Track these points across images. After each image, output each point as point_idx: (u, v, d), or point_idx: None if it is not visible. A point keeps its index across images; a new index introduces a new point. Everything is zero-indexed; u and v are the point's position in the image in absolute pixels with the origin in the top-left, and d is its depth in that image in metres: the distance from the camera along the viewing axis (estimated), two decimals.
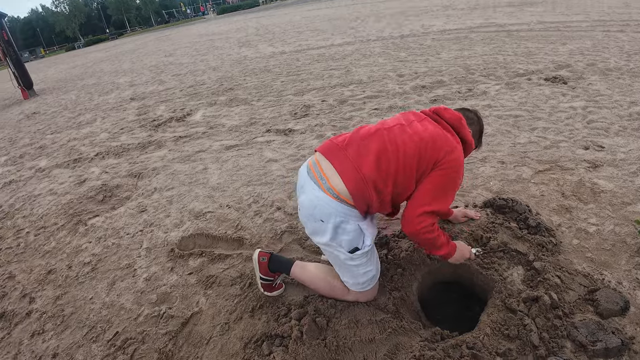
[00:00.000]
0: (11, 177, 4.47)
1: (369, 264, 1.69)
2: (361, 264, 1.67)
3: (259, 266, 1.96)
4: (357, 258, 1.65)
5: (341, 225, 1.57)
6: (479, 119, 1.85)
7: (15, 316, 2.32)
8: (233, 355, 1.77)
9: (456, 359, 1.44)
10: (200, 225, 2.80)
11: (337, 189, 1.54)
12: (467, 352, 1.45)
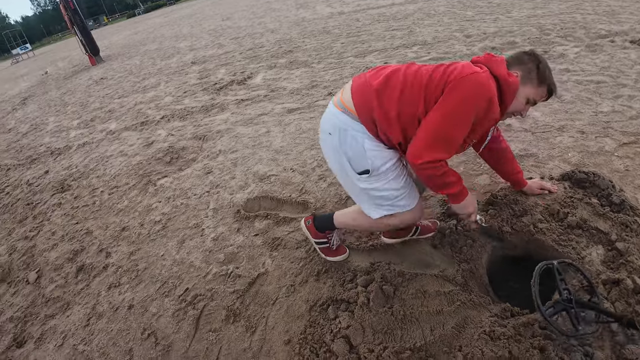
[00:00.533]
0: (84, 139, 4.76)
1: (386, 186, 1.54)
2: (375, 187, 1.54)
3: (309, 232, 1.94)
4: (365, 180, 1.54)
5: (346, 137, 1.51)
6: (533, 57, 1.53)
7: (93, 269, 2.48)
8: (299, 317, 1.77)
9: (527, 338, 1.33)
10: (265, 187, 2.81)
11: (344, 100, 1.53)
12: (540, 332, 1.34)
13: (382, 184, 1.53)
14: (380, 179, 1.53)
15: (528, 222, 1.78)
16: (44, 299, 2.41)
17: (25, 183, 3.98)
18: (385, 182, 1.53)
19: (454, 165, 2.54)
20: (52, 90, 8.71)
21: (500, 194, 1.94)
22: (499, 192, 2.00)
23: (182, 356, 1.81)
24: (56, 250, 2.79)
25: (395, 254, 1.90)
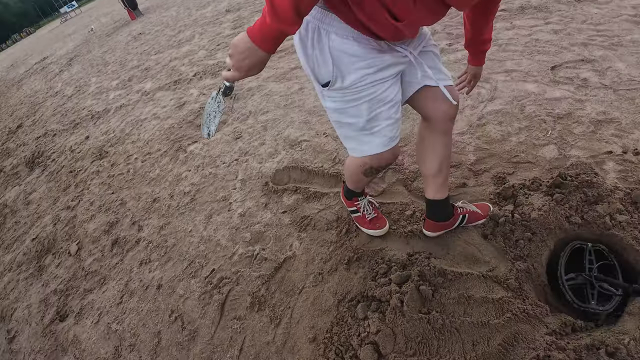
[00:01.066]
0: (122, 101, 4.74)
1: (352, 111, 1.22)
2: (341, 108, 1.23)
3: (343, 201, 1.80)
4: (330, 97, 1.22)
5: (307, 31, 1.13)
6: None
7: (127, 243, 2.47)
8: (325, 311, 1.62)
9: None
10: (296, 155, 2.59)
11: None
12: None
13: (347, 106, 1.20)
14: (345, 95, 1.19)
15: (604, 211, 1.42)
16: (83, 272, 2.45)
17: (68, 149, 4.07)
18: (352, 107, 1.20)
19: (510, 133, 2.14)
20: (95, 48, 8.80)
21: (570, 173, 1.58)
22: (569, 169, 1.63)
23: (207, 343, 1.75)
24: (94, 222, 2.82)
25: (437, 243, 1.64)
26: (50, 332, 2.18)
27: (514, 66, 2.69)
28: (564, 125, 2.06)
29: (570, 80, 2.39)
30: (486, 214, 1.63)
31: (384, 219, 1.80)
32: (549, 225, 1.47)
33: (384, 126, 1.25)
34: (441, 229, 1.64)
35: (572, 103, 2.20)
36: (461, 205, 1.64)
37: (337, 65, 1.13)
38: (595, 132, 1.97)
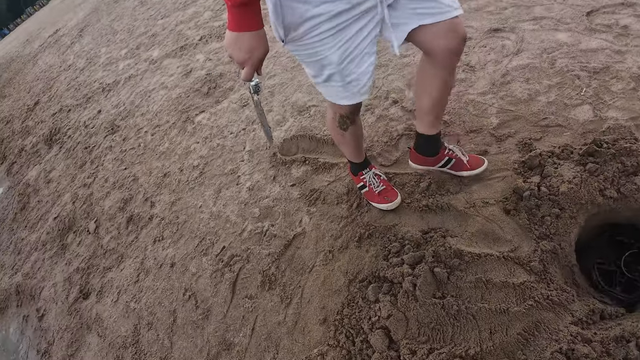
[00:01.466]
0: (130, 71, 4.64)
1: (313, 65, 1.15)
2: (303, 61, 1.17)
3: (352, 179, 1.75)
4: (292, 51, 1.15)
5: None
6: None
7: (141, 220, 2.47)
8: (336, 291, 1.56)
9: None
10: (304, 123, 2.46)
11: None
12: (637, 355, 0.96)
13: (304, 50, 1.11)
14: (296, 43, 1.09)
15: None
16: (102, 250, 2.49)
17: (82, 125, 4.06)
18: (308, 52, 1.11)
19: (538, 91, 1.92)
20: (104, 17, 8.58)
21: (606, 139, 1.38)
22: (605, 134, 1.43)
23: (220, 322, 1.75)
24: (109, 199, 2.83)
25: (454, 218, 1.52)
26: (75, 310, 2.25)
27: (543, 12, 2.38)
28: (601, 82, 1.79)
29: (608, 28, 2.07)
30: (474, 167, 1.58)
31: (395, 191, 1.69)
32: (580, 200, 1.30)
33: (344, 83, 1.18)
34: (425, 164, 1.63)
35: (611, 55, 1.90)
36: (451, 149, 1.60)
37: (285, 16, 1.02)
38: (636, 89, 1.70)
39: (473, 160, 1.61)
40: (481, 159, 1.61)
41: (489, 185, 1.57)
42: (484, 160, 1.60)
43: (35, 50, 7.91)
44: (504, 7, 2.56)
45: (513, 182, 1.50)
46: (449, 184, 1.66)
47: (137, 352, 1.88)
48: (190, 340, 1.78)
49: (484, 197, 1.52)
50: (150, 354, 1.84)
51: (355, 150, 1.61)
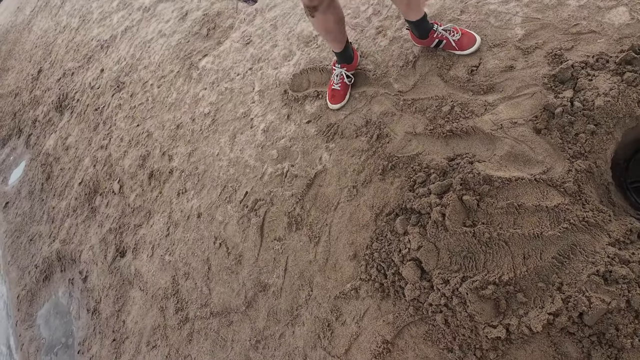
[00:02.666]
0: (126, 23, 4.41)
1: None
2: None
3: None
4: None
5: None
6: None
7: (161, 174, 2.48)
8: (364, 226, 1.54)
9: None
10: (312, 55, 2.30)
11: None
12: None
13: None
14: None
15: None
16: (129, 208, 2.55)
17: (88, 86, 3.98)
18: None
19: None
20: None
21: None
22: None
23: (253, 265, 1.80)
24: (128, 158, 2.84)
25: (481, 142, 1.42)
26: (115, 268, 2.36)
27: None
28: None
29: None
30: (465, 47, 1.68)
31: (343, 97, 1.90)
32: (617, 114, 1.17)
33: None
34: (422, 44, 1.82)
35: None
36: (440, 31, 1.71)
37: None
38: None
39: (465, 39, 1.69)
40: (474, 37, 1.69)
41: (517, 103, 1.43)
42: (475, 38, 1.68)
43: (28, 17, 7.59)
44: None
45: (543, 98, 1.35)
46: (473, 105, 1.54)
47: (179, 301, 1.98)
48: (227, 285, 1.84)
49: (512, 117, 1.39)
50: (191, 302, 1.94)
51: (331, 40, 1.73)
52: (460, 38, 1.68)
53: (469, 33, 1.70)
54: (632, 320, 0.91)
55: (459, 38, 1.68)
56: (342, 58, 1.86)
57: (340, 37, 1.72)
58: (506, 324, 1.02)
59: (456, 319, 1.10)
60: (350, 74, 1.91)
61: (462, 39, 1.69)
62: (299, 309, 1.58)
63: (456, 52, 1.72)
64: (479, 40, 1.68)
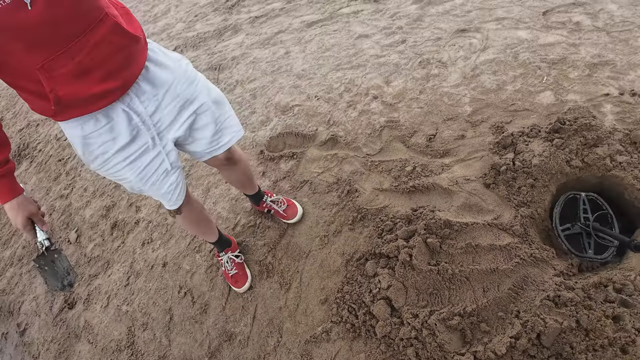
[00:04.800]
0: None
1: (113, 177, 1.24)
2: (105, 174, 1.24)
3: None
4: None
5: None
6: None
7: (126, 225, 2.44)
8: (334, 272, 1.63)
9: (599, 303, 1.10)
10: (289, 121, 2.54)
11: None
12: (615, 297, 1.11)
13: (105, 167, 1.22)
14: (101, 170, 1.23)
15: (604, 153, 1.43)
16: (86, 258, 2.44)
17: (54, 138, 3.95)
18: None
19: (505, 82, 2.10)
20: None
21: (568, 118, 1.56)
22: (567, 114, 1.61)
23: (219, 314, 1.77)
24: (90, 207, 2.78)
25: (440, 196, 1.64)
26: (60, 320, 2.18)
27: (504, 14, 2.62)
28: (559, 71, 2.02)
29: (562, 25, 2.33)
30: (288, 218, 1.89)
31: (246, 276, 1.80)
32: (550, 171, 1.47)
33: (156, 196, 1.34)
34: (257, 208, 2.01)
35: (566, 48, 2.16)
36: (269, 203, 1.92)
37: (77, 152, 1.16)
38: (590, 75, 1.95)
39: (290, 210, 1.91)
40: (297, 208, 1.92)
41: (469, 164, 1.70)
42: (297, 210, 1.91)
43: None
44: (469, 10, 2.78)
45: (490, 160, 1.65)
46: (432, 166, 1.79)
47: (134, 354, 1.86)
48: (190, 336, 1.78)
49: (465, 175, 1.65)
50: (148, 354, 1.83)
51: (202, 233, 1.73)
52: (286, 209, 1.90)
53: (293, 205, 1.93)
54: (584, 338, 1.05)
55: (285, 209, 1.90)
56: (220, 246, 1.83)
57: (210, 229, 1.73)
58: (473, 352, 1.11)
59: (427, 350, 1.18)
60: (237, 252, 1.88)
61: (287, 210, 1.90)
62: (267, 357, 1.57)
63: (283, 220, 1.91)
64: (301, 211, 1.90)
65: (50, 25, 0.88)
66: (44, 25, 0.87)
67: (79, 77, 0.96)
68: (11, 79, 0.96)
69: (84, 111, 1.03)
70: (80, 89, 0.97)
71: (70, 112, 1.03)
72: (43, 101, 0.99)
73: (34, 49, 0.89)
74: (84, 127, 1.07)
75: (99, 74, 0.98)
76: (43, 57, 0.90)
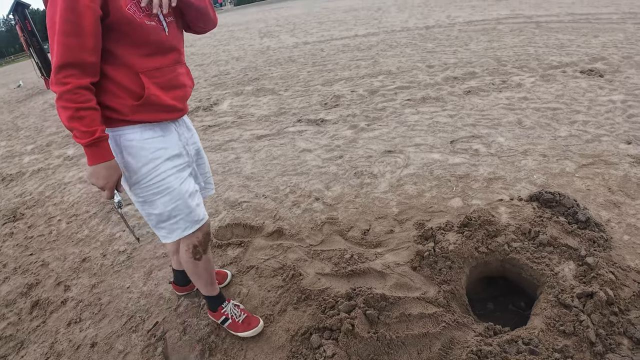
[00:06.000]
0: (39, 165, 4.49)
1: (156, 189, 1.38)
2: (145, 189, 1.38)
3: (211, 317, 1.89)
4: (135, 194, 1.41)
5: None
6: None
7: (50, 304, 2.29)
8: (280, 347, 1.71)
9: (513, 355, 1.36)
10: (237, 214, 2.74)
11: None
12: (524, 348, 1.38)
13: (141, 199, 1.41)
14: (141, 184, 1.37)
15: (502, 241, 1.84)
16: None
17: None
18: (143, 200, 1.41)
19: (424, 190, 2.60)
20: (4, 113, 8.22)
21: (474, 216, 2.00)
22: (473, 214, 2.05)
23: None
24: (8, 284, 2.56)
25: (375, 278, 1.89)
26: None
27: (421, 141, 3.31)
28: (465, 183, 2.60)
29: (465, 151, 3.05)
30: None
31: (256, 318, 1.80)
32: (463, 255, 1.83)
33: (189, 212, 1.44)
34: (184, 291, 2.09)
35: (469, 167, 2.81)
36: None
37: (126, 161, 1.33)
38: (488, 186, 2.54)
39: (219, 275, 2.07)
40: (225, 273, 2.09)
41: (398, 252, 2.02)
42: (227, 274, 2.09)
43: None
44: (394, 137, 3.45)
45: (415, 248, 1.99)
46: (367, 255, 2.07)
47: None
48: None
49: (395, 260, 1.95)
50: None
51: (210, 282, 1.74)
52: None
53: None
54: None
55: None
56: (219, 298, 1.82)
57: (215, 281, 1.79)
58: None
59: None
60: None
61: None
62: None
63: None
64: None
65: (168, 49, 1.32)
66: (166, 46, 1.31)
67: (165, 90, 1.33)
68: (111, 69, 1.23)
69: (152, 117, 1.32)
70: (163, 98, 1.32)
71: (143, 114, 1.30)
72: (126, 97, 1.26)
73: (151, 57, 1.28)
74: (143, 133, 1.33)
75: (175, 94, 1.37)
76: (152, 66, 1.28)
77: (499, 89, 4.47)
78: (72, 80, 1.13)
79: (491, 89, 4.51)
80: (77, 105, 1.15)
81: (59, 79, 1.14)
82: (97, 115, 1.20)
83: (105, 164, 1.23)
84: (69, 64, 1.13)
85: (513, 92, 4.31)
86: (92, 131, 1.17)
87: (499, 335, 1.46)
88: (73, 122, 1.16)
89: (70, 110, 1.15)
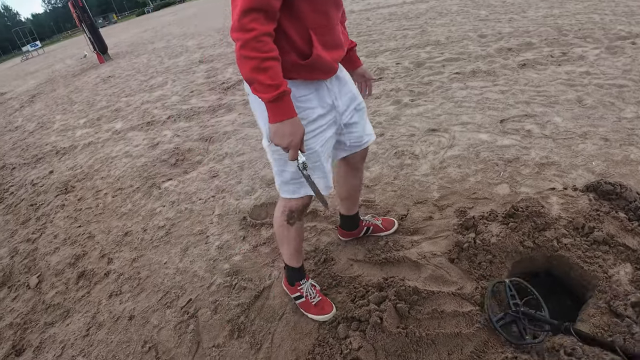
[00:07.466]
0: (90, 139, 4.71)
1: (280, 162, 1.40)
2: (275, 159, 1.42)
3: (285, 288, 1.87)
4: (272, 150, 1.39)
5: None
6: None
7: (94, 276, 2.41)
8: (307, 334, 1.68)
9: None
10: (273, 193, 2.71)
11: None
12: (567, 359, 1.23)
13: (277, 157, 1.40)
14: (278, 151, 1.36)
15: (551, 236, 1.66)
16: (44, 305, 2.34)
17: (29, 183, 3.94)
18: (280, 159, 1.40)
19: (468, 174, 2.42)
20: (60, 87, 8.70)
21: (521, 206, 1.83)
22: (520, 203, 1.88)
23: None
24: (58, 254, 2.73)
25: (409, 268, 1.79)
26: None
27: (468, 119, 3.07)
28: (514, 168, 2.37)
29: (516, 131, 2.78)
30: (389, 228, 2.02)
31: (330, 303, 1.73)
32: (506, 249, 1.68)
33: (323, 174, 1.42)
34: (350, 236, 2.05)
35: (519, 150, 2.56)
36: (367, 219, 2.02)
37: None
38: (539, 172, 2.30)
39: (386, 222, 2.05)
40: (391, 220, 2.06)
41: (436, 242, 1.90)
42: (393, 221, 2.06)
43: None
44: (439, 114, 3.23)
45: (454, 238, 1.85)
46: (403, 242, 1.97)
47: None
48: None
49: (432, 250, 1.83)
50: None
51: (297, 251, 1.70)
52: (383, 222, 2.03)
53: (388, 218, 2.06)
54: None
55: (382, 222, 2.02)
56: (300, 272, 1.77)
57: (302, 251, 1.75)
58: None
59: None
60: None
61: (384, 223, 2.03)
62: None
63: (381, 234, 2.01)
64: (396, 223, 2.04)
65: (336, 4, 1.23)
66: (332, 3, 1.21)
67: (327, 49, 1.24)
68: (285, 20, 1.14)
69: (311, 76, 1.27)
70: (326, 59, 1.24)
71: (304, 73, 1.24)
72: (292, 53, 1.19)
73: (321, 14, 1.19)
74: (297, 90, 1.26)
75: (336, 54, 1.29)
76: (321, 23, 1.20)
77: (558, 62, 4.05)
78: (257, 25, 1.04)
79: (549, 62, 4.09)
80: (262, 55, 1.06)
81: (244, 24, 1.04)
82: (280, 67, 1.11)
83: (289, 121, 1.14)
84: (254, 8, 1.03)
85: (574, 66, 3.88)
86: (277, 84, 1.08)
87: (537, 341, 1.32)
88: (258, 74, 1.07)
89: (255, 60, 1.06)
